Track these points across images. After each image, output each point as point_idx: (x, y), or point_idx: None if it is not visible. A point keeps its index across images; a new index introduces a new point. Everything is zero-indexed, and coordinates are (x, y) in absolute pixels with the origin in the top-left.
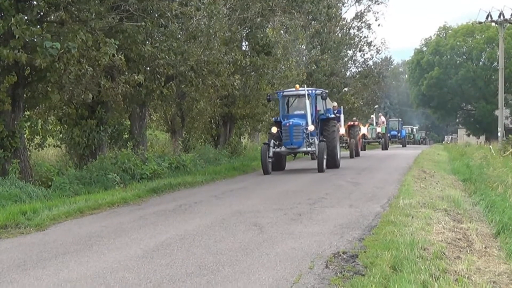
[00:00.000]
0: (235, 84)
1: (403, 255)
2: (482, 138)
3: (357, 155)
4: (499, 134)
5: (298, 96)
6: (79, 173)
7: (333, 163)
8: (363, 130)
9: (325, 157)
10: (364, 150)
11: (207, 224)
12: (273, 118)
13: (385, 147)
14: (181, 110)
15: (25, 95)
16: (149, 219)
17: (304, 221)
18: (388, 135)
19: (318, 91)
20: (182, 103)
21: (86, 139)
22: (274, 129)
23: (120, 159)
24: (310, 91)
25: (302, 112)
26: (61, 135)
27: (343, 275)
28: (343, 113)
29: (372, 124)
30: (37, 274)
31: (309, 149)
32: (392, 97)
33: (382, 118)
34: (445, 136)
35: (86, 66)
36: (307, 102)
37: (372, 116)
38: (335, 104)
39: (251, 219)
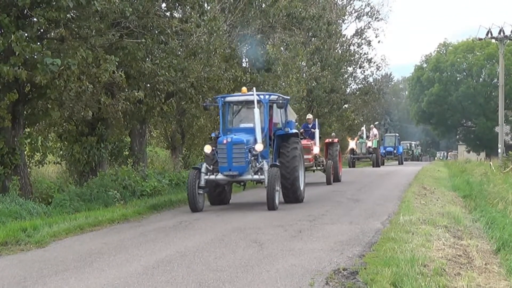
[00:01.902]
0: None
1: (404, 271)
2: (483, 154)
3: (337, 180)
4: (499, 150)
5: (246, 103)
6: (80, 190)
7: (293, 196)
8: (352, 144)
9: (277, 188)
10: (353, 167)
11: (207, 240)
12: (212, 134)
13: (376, 164)
14: (181, 127)
15: (25, 112)
16: (149, 236)
17: (305, 237)
18: (384, 151)
19: (273, 97)
20: (182, 119)
21: (87, 156)
22: (207, 148)
23: (121, 176)
24: (261, 97)
25: (251, 125)
26: (61, 152)
27: None
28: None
29: (362, 137)
30: None
31: (255, 176)
32: (393, 113)
33: (374, 131)
34: (437, 152)
35: (87, 83)
36: (256, 111)
37: (362, 128)
38: (310, 116)
39: (251, 235)
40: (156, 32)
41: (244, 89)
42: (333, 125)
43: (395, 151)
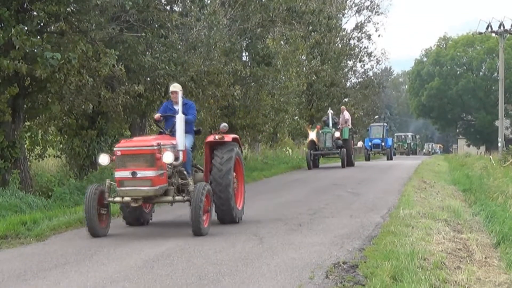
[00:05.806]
0: (235, 94)
1: (403, 265)
2: (482, 148)
3: (230, 218)
4: (499, 144)
5: None
6: (80, 184)
7: None
8: (311, 135)
9: None
10: (316, 167)
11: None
12: None
13: (347, 162)
14: None
15: (25, 106)
16: (149, 229)
17: (304, 231)
18: (370, 144)
19: None
20: None
21: (87, 149)
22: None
23: None
24: None
25: None
26: (61, 146)
27: (343, 285)
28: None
29: (327, 125)
30: (37, 284)
31: None
32: (393, 107)
33: (346, 115)
34: (425, 144)
35: (87, 77)
36: None
37: (328, 111)
38: (175, 87)
39: (251, 229)
40: (156, 26)
41: None
42: None
43: (383, 144)
